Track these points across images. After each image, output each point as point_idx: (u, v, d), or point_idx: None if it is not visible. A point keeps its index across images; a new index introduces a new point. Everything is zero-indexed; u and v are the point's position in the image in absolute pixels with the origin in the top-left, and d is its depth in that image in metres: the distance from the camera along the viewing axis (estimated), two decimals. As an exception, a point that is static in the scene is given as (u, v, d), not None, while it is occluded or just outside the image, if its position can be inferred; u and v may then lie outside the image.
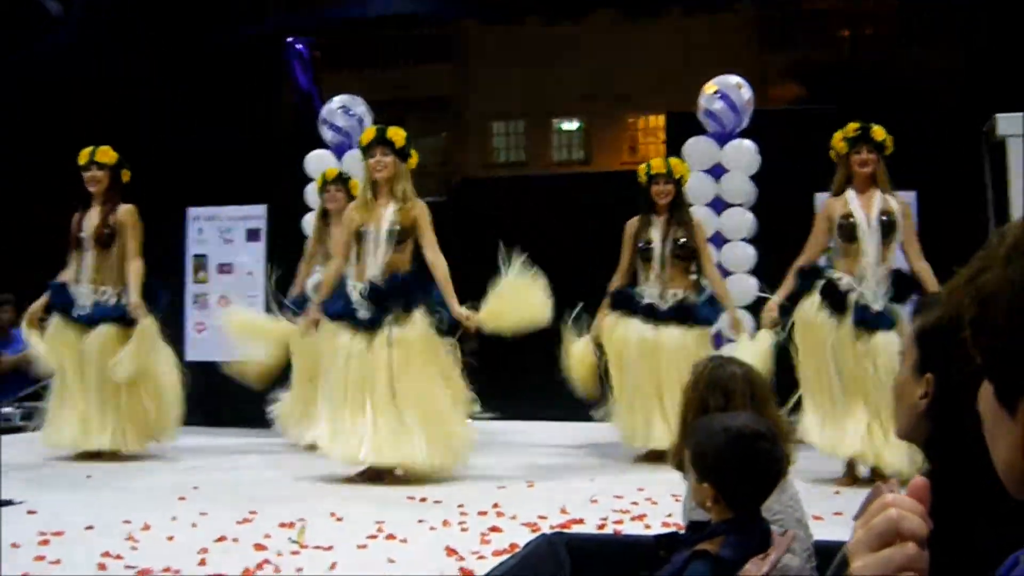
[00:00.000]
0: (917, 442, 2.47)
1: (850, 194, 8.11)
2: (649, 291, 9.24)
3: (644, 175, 9.40)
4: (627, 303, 9.32)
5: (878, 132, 8.07)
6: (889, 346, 7.70)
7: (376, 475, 8.09)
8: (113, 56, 12.08)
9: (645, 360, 9.09)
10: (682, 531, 3.89)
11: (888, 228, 8.00)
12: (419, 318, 8.11)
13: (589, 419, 9.82)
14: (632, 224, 9.41)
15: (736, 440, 3.26)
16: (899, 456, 7.48)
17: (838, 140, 8.16)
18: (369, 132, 8.45)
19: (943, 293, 2.36)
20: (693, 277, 9.40)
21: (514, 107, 28.07)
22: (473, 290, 8.48)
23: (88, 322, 9.35)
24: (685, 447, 3.54)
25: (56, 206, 9.79)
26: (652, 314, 9.14)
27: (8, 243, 17.49)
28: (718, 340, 9.83)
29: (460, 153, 28.15)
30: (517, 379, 11.65)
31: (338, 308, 8.22)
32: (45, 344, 9.48)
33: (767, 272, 10.66)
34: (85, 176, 9.54)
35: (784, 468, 3.47)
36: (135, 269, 9.39)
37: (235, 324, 10.22)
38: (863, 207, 8.03)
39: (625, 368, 9.22)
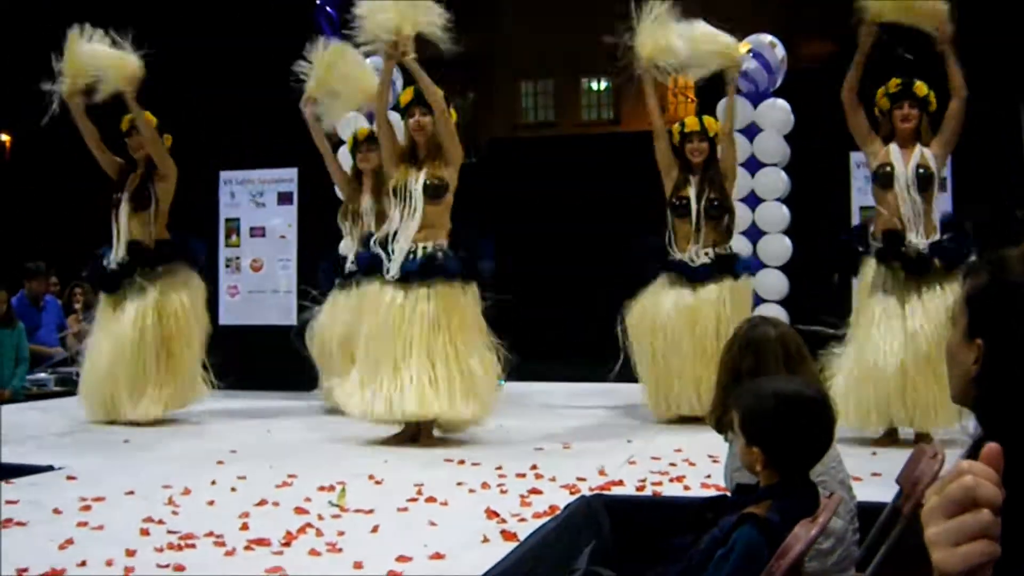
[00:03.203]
0: (969, 407, 2.46)
1: (893, 146, 8.05)
2: (682, 251, 9.17)
3: (677, 133, 9.35)
4: (660, 259, 9.27)
5: (920, 87, 8.01)
6: (940, 296, 7.73)
7: (411, 436, 8.10)
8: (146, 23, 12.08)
9: (682, 327, 9.05)
10: (728, 494, 3.90)
11: (925, 181, 7.94)
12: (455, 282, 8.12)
13: (622, 380, 9.80)
14: (671, 166, 9.35)
15: (788, 405, 3.26)
16: (943, 416, 7.51)
17: (881, 96, 8.10)
18: (407, 93, 8.40)
19: (996, 257, 2.33)
20: (724, 232, 9.32)
21: (543, 66, 27.96)
22: (503, 249, 8.47)
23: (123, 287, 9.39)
24: (730, 409, 3.53)
25: (92, 176, 9.82)
26: (688, 274, 9.08)
27: (43, 213, 17.58)
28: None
29: (488, 113, 28.08)
30: (550, 341, 11.68)
31: (373, 264, 8.21)
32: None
33: (801, 232, 10.64)
34: (128, 142, 9.59)
35: (833, 433, 3.46)
36: (166, 188, 9.60)
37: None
38: (903, 159, 7.98)
39: (658, 337, 9.16)
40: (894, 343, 7.79)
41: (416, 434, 8.12)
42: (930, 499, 1.35)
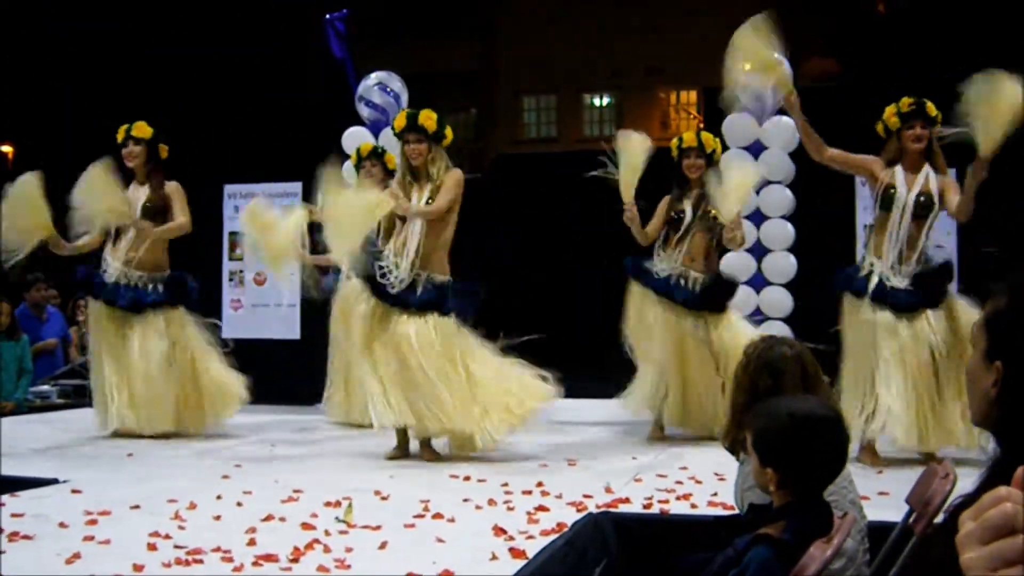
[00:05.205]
0: (989, 429, 2.46)
1: (898, 168, 8.01)
2: (666, 263, 9.16)
3: (676, 149, 9.36)
4: (642, 276, 9.28)
5: (931, 108, 7.98)
6: (920, 325, 7.74)
7: (405, 449, 8.23)
8: (149, 36, 12.13)
9: (669, 341, 9.08)
10: (738, 513, 3.89)
11: (923, 208, 7.91)
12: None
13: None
14: (667, 200, 9.38)
15: (802, 425, 3.25)
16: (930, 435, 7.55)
17: (890, 115, 8.03)
18: (400, 119, 8.35)
19: (1016, 281, 2.33)
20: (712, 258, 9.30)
21: (545, 82, 28.01)
22: (508, 265, 8.47)
23: (128, 308, 9.32)
24: (744, 430, 3.53)
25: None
26: (669, 295, 9.08)
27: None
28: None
29: (491, 129, 28.11)
30: (553, 357, 11.67)
31: (368, 269, 8.18)
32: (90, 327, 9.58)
33: (806, 249, 10.64)
34: (123, 153, 9.51)
35: (847, 453, 3.46)
36: (180, 223, 9.42)
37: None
38: (907, 183, 7.95)
39: (648, 342, 9.21)
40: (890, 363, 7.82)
41: (406, 444, 8.21)
42: (965, 524, 1.35)
